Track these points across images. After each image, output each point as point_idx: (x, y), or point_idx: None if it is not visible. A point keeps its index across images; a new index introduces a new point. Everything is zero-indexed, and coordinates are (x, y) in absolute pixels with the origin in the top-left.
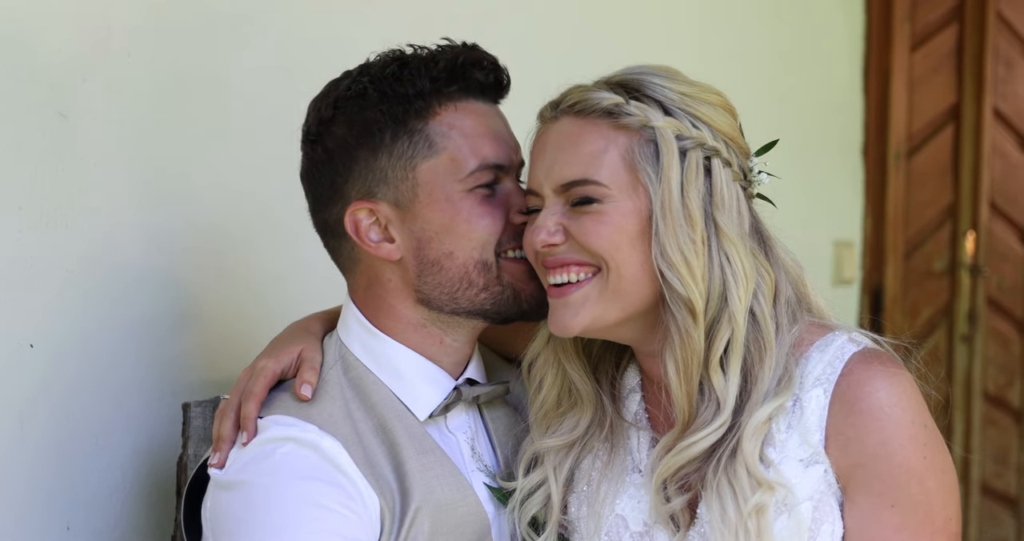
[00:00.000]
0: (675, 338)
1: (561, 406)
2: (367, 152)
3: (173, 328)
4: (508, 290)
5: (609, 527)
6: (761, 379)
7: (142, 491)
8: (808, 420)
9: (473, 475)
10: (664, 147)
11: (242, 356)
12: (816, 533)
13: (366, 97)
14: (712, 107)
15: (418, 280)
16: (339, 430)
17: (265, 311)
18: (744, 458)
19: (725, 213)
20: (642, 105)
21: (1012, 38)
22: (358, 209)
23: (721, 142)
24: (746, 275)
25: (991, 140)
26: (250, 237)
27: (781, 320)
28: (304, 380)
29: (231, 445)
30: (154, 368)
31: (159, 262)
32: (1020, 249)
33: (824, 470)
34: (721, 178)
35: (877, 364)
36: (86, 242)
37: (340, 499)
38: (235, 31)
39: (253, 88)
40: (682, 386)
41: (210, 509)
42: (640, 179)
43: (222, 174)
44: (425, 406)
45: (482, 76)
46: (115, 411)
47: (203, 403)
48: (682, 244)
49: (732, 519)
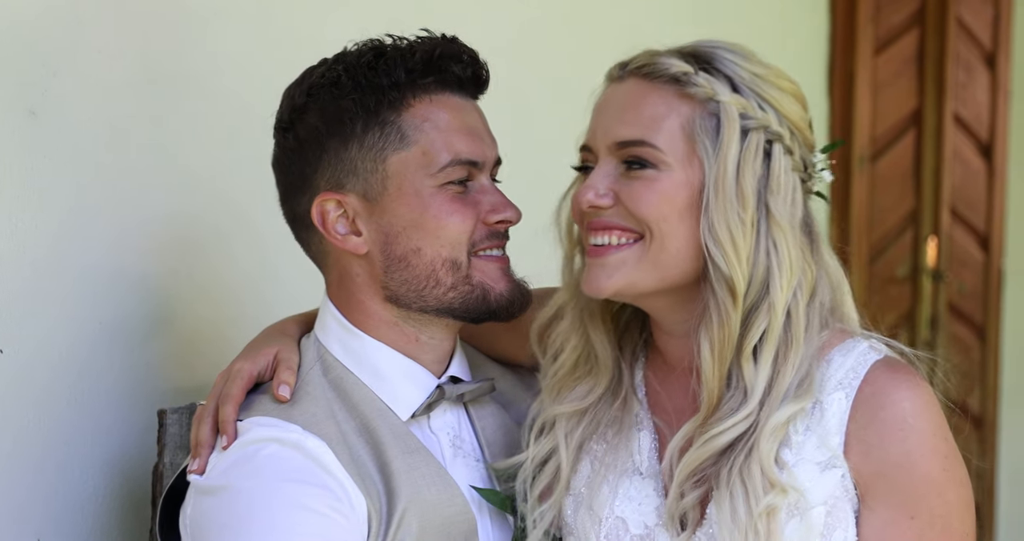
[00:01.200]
0: (713, 317)
1: (577, 372)
2: (337, 142)
3: (145, 332)
4: (477, 290)
5: (608, 529)
6: (784, 375)
7: (115, 501)
8: (828, 423)
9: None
10: (726, 122)
11: (217, 360)
12: (828, 538)
13: (339, 85)
14: (782, 93)
15: (385, 276)
16: (323, 430)
17: (240, 313)
18: (760, 458)
19: (779, 200)
20: (711, 78)
21: (971, 43)
22: (325, 200)
23: (786, 129)
24: (791, 265)
25: (952, 145)
26: (224, 237)
27: (812, 321)
28: (282, 381)
29: (211, 450)
30: (126, 374)
31: (130, 264)
32: (979, 255)
33: (842, 475)
34: (780, 164)
35: (901, 373)
36: (55, 243)
37: (327, 501)
38: (207, 26)
39: (225, 85)
40: (715, 368)
41: (191, 516)
42: (697, 151)
43: (194, 173)
44: (407, 405)
45: (459, 69)
46: (86, 419)
47: (179, 410)
48: (731, 222)
49: (742, 520)
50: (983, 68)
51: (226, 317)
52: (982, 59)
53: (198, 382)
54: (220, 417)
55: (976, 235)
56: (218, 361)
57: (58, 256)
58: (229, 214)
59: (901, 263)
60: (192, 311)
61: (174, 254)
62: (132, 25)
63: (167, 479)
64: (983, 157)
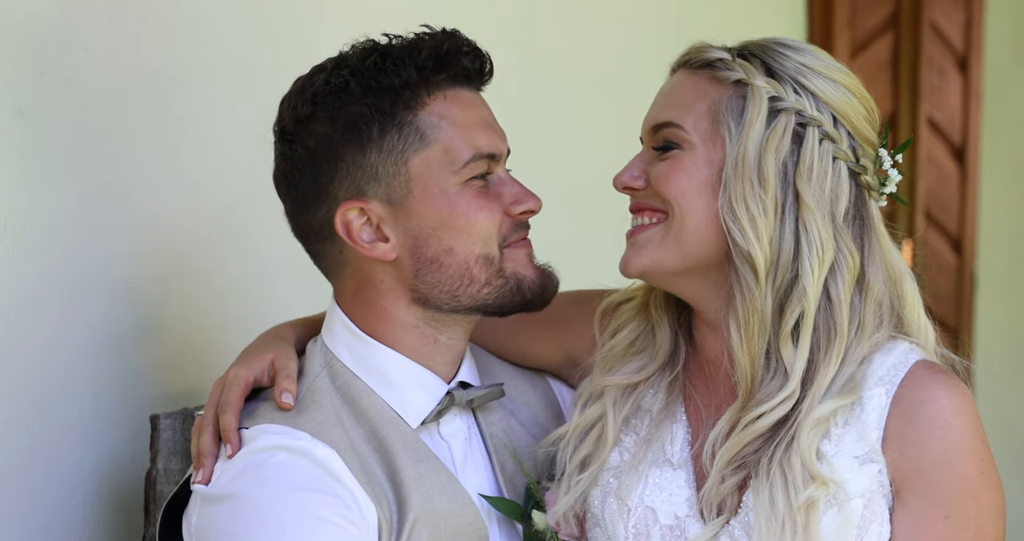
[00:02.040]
0: (737, 296)
1: (633, 348)
2: (354, 149)
3: (134, 337)
4: (511, 282)
5: (637, 519)
6: (827, 364)
7: (105, 509)
8: (868, 417)
9: (466, 483)
10: (752, 103)
11: (207, 365)
12: (864, 532)
13: (348, 91)
14: (833, 83)
15: (415, 279)
16: (331, 437)
17: (230, 317)
18: (800, 450)
19: (810, 184)
20: (746, 64)
21: (944, 47)
22: (348, 209)
23: (827, 116)
24: (822, 247)
25: (926, 149)
26: (213, 240)
27: (866, 315)
28: (283, 389)
29: (214, 459)
30: (115, 378)
31: (119, 267)
32: (952, 258)
33: (879, 470)
34: (814, 149)
35: (941, 374)
36: (43, 246)
37: (338, 510)
38: (195, 25)
39: (214, 85)
40: (743, 347)
41: (196, 525)
42: (720, 131)
43: (184, 175)
44: (417, 413)
45: (468, 62)
46: (75, 424)
47: (172, 415)
48: (748, 200)
49: (781, 510)
50: (955, 72)
51: (215, 322)
52: (954, 63)
53: (188, 387)
54: (222, 426)
55: (949, 239)
56: (208, 366)
57: (45, 260)
58: (219, 217)
59: None
60: (181, 315)
61: (163, 258)
62: (120, 25)
63: (160, 485)
64: (956, 161)
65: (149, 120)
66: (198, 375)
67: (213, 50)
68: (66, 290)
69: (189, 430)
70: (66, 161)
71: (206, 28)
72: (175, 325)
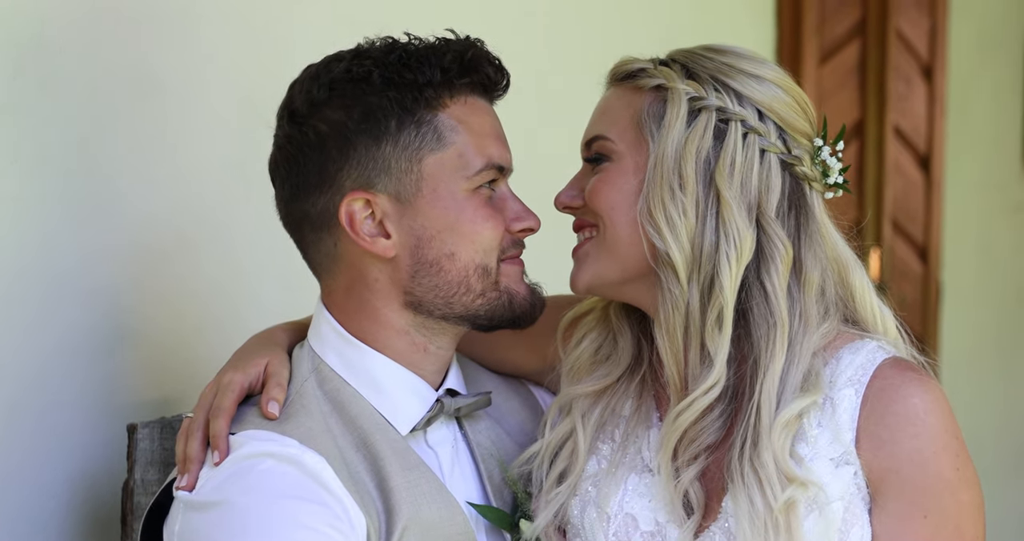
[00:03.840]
0: (659, 296)
1: (597, 357)
2: (368, 139)
3: (110, 342)
4: (504, 296)
5: (617, 527)
6: (772, 355)
7: (81, 519)
8: (840, 419)
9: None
10: (671, 105)
11: (185, 371)
12: (846, 535)
13: (370, 81)
14: (757, 79)
15: (411, 281)
16: (320, 445)
17: (208, 321)
18: (773, 450)
19: (732, 179)
20: (666, 69)
21: (910, 55)
22: (354, 199)
23: (751, 110)
24: (740, 241)
25: (893, 157)
26: (191, 243)
27: (807, 305)
28: (271, 397)
29: (200, 465)
30: (90, 386)
31: (94, 270)
32: (919, 267)
33: (854, 472)
34: (736, 144)
35: (910, 371)
36: (16, 248)
37: (326, 519)
38: (171, 26)
39: (191, 86)
40: (667, 344)
41: (179, 533)
42: (644, 136)
43: (160, 176)
44: (407, 419)
45: (492, 72)
46: (49, 433)
47: (150, 424)
48: (666, 201)
49: (761, 511)
50: (921, 80)
51: (194, 325)
52: (920, 71)
53: (165, 394)
54: (212, 431)
55: (915, 247)
56: (185, 372)
57: (19, 263)
58: (197, 218)
59: None
60: (158, 320)
61: (139, 260)
62: (96, 26)
63: (138, 496)
64: (922, 169)
65: (125, 121)
66: (175, 383)
67: (190, 51)
68: (40, 294)
69: (168, 439)
70: (41, 163)
71: (182, 29)
72: (152, 330)
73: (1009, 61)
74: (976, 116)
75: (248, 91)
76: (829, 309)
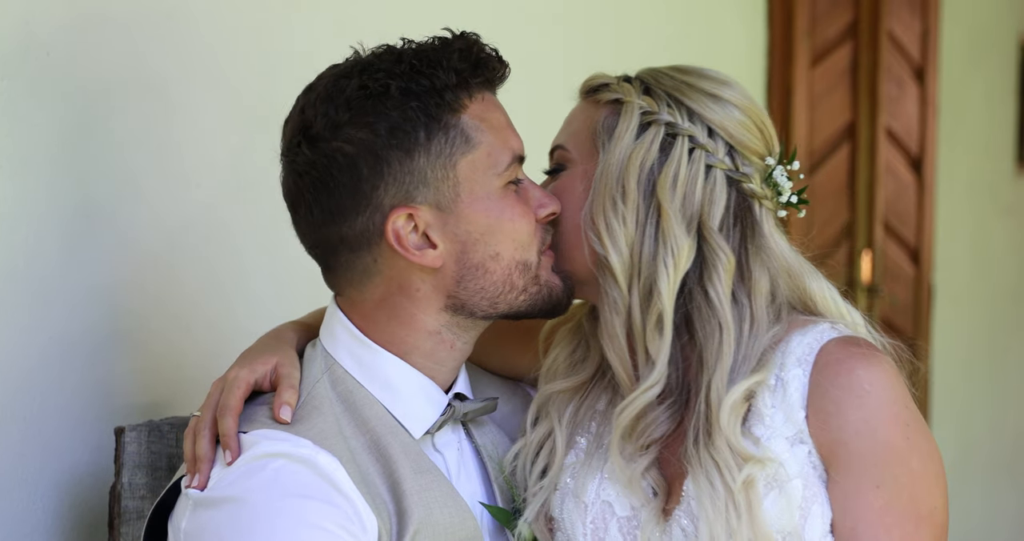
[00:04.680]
0: (602, 300)
1: (572, 358)
2: (400, 153)
3: (98, 346)
4: (544, 289)
5: (595, 515)
6: (720, 357)
7: (68, 523)
8: (791, 398)
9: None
10: (623, 118)
11: (175, 375)
12: (807, 512)
13: (389, 95)
14: (713, 97)
15: (457, 286)
16: (333, 446)
17: (199, 324)
18: (725, 435)
19: (673, 191)
20: (626, 85)
21: (902, 58)
22: (398, 216)
23: (701, 127)
24: (677, 251)
25: (884, 159)
26: (181, 245)
27: (756, 310)
28: (284, 401)
29: (211, 464)
30: (78, 390)
31: (82, 275)
32: (911, 269)
33: (808, 451)
34: (681, 158)
35: (855, 346)
36: (5, 251)
37: (337, 519)
38: (159, 28)
39: (180, 88)
40: (609, 345)
41: (186, 530)
42: (596, 147)
43: (149, 179)
44: (421, 423)
45: (498, 66)
46: (36, 438)
47: (138, 427)
48: (607, 207)
49: (721, 492)
50: (912, 82)
51: (183, 330)
52: (911, 73)
53: (155, 398)
54: (221, 430)
55: (907, 249)
56: (175, 377)
57: (7, 266)
58: (187, 222)
59: (837, 277)
60: (147, 324)
61: (129, 264)
62: (83, 27)
63: (125, 500)
64: (913, 171)
65: (113, 124)
66: (165, 386)
67: (178, 53)
68: (29, 297)
69: (155, 443)
70: (29, 166)
71: (170, 31)
72: (142, 334)
73: (1001, 63)
74: (968, 118)
75: (238, 92)
76: (781, 312)
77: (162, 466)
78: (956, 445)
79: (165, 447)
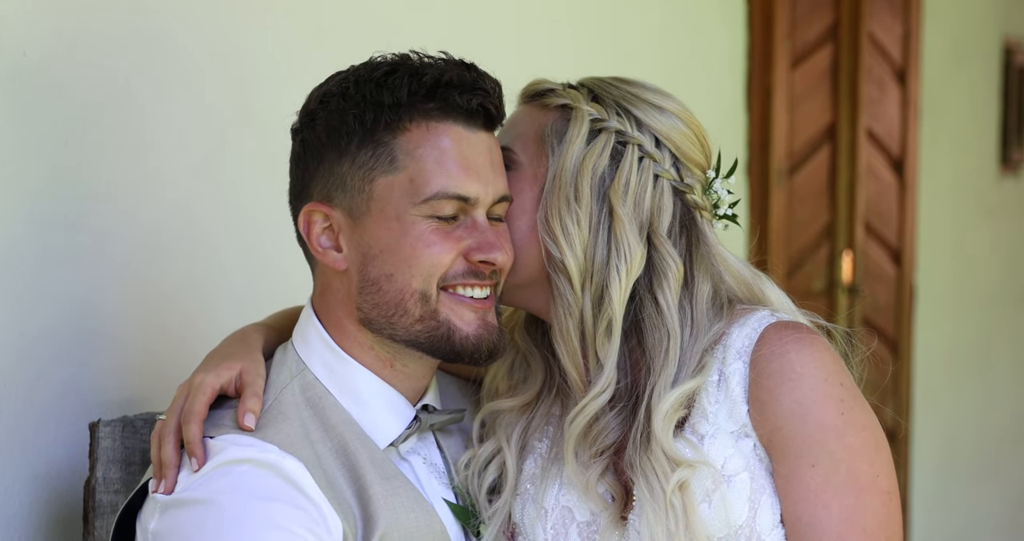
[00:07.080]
0: (554, 303)
1: (513, 377)
2: (334, 154)
3: (74, 343)
4: (443, 327)
5: (555, 520)
6: (666, 363)
7: (43, 518)
8: (734, 393)
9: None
10: (574, 123)
11: (150, 370)
12: (757, 504)
13: (347, 97)
14: (659, 109)
15: (359, 297)
16: (299, 451)
17: (174, 320)
18: (658, 439)
19: (625, 198)
20: (573, 92)
21: (883, 60)
22: (313, 210)
23: (649, 137)
24: (630, 257)
25: (865, 160)
26: (157, 242)
27: (698, 316)
28: (247, 409)
29: (177, 470)
30: (52, 386)
31: (58, 273)
32: (892, 270)
33: (754, 444)
34: (631, 166)
35: (788, 331)
36: None
37: (303, 522)
38: (136, 29)
39: (157, 87)
40: (564, 348)
41: (154, 531)
42: (545, 150)
43: (125, 176)
44: (386, 435)
45: (463, 100)
46: (11, 433)
47: (112, 422)
48: (563, 212)
49: (660, 496)
50: (894, 84)
51: (158, 326)
52: (893, 75)
53: (128, 394)
54: (186, 437)
55: (889, 250)
56: (150, 372)
57: None
58: (160, 219)
59: (817, 277)
60: (122, 320)
61: (103, 262)
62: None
63: (99, 494)
64: (895, 172)
65: (89, 122)
66: (139, 381)
67: (155, 53)
68: (5, 294)
69: (129, 438)
70: (2, 166)
71: (147, 31)
72: (118, 330)
73: (985, 65)
74: (951, 119)
75: (213, 91)
76: (724, 308)
77: (136, 461)
78: (940, 446)
79: (139, 442)
